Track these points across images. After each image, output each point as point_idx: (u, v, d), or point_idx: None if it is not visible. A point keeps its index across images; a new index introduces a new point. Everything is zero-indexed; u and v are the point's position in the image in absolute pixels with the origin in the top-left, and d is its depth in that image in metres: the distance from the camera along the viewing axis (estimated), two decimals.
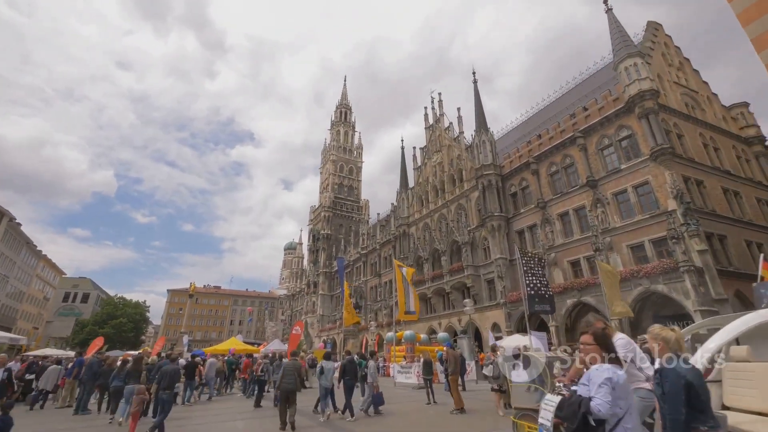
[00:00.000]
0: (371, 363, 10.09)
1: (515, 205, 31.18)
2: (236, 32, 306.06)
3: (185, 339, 38.85)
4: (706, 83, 28.24)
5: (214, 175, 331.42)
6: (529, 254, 15.46)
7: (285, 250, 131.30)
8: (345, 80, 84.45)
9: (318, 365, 9.78)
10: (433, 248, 36.65)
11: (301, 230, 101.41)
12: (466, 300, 17.40)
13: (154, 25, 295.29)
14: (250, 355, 16.91)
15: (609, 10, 26.28)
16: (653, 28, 27.79)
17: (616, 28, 25.30)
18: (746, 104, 28.16)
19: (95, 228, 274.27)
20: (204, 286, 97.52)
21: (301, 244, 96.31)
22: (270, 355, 16.30)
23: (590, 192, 24.94)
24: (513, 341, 18.27)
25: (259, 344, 46.39)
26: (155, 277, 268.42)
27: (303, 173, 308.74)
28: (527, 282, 15.12)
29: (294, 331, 17.47)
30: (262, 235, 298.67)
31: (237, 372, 15.22)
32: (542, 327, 26.05)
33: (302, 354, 25.42)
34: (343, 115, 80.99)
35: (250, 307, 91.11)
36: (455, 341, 25.14)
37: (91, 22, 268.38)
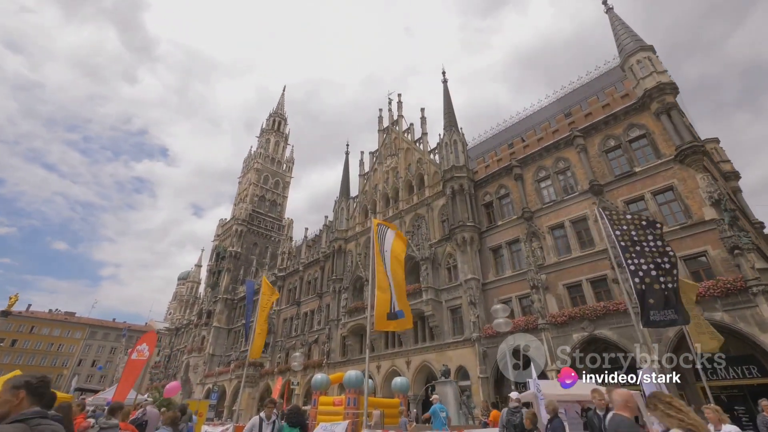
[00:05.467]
0: None
1: (490, 218, 25.43)
2: (170, 42, 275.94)
3: None
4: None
5: (106, 188, 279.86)
6: (630, 218, 8.72)
7: (179, 280, 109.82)
8: (284, 90, 76.85)
9: None
10: None
11: (203, 250, 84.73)
12: (497, 306, 9.74)
13: (65, 9, 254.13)
14: None
15: (610, 9, 23.91)
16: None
17: (620, 25, 22.66)
18: (717, 140, 27.51)
19: None
20: (50, 310, 73.25)
21: (200, 266, 79.46)
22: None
23: (593, 200, 20.17)
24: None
25: (96, 391, 31.93)
26: None
27: (218, 200, 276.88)
28: (632, 267, 8.22)
29: (136, 354, 7.75)
30: (156, 263, 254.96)
31: None
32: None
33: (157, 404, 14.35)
34: (276, 125, 72.20)
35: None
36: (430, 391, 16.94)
37: None
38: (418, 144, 32.63)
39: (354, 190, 37.99)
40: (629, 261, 8.23)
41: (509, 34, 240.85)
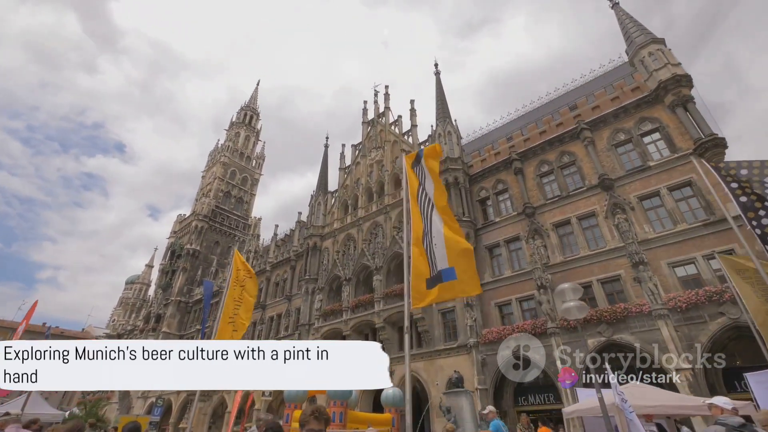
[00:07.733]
0: None
1: (485, 214, 23.52)
2: (138, 34, 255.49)
3: None
4: None
5: (51, 182, 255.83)
6: (759, 164, 6.76)
7: (126, 284, 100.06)
8: (258, 84, 72.99)
9: None
10: (360, 265, 25.84)
11: (156, 249, 77.52)
12: (566, 286, 7.18)
13: None
14: None
15: (616, 5, 23.22)
16: None
17: (628, 19, 21.90)
18: None
19: None
20: None
21: (151, 267, 72.32)
22: None
23: (603, 195, 18.75)
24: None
25: None
26: None
27: (178, 203, 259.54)
28: (758, 231, 6.19)
29: None
30: (104, 268, 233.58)
31: None
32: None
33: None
34: (248, 118, 68.00)
35: None
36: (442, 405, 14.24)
37: None
38: (406, 137, 30.53)
39: (333, 185, 35.13)
40: (754, 222, 6.23)
41: (485, 56, 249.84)
